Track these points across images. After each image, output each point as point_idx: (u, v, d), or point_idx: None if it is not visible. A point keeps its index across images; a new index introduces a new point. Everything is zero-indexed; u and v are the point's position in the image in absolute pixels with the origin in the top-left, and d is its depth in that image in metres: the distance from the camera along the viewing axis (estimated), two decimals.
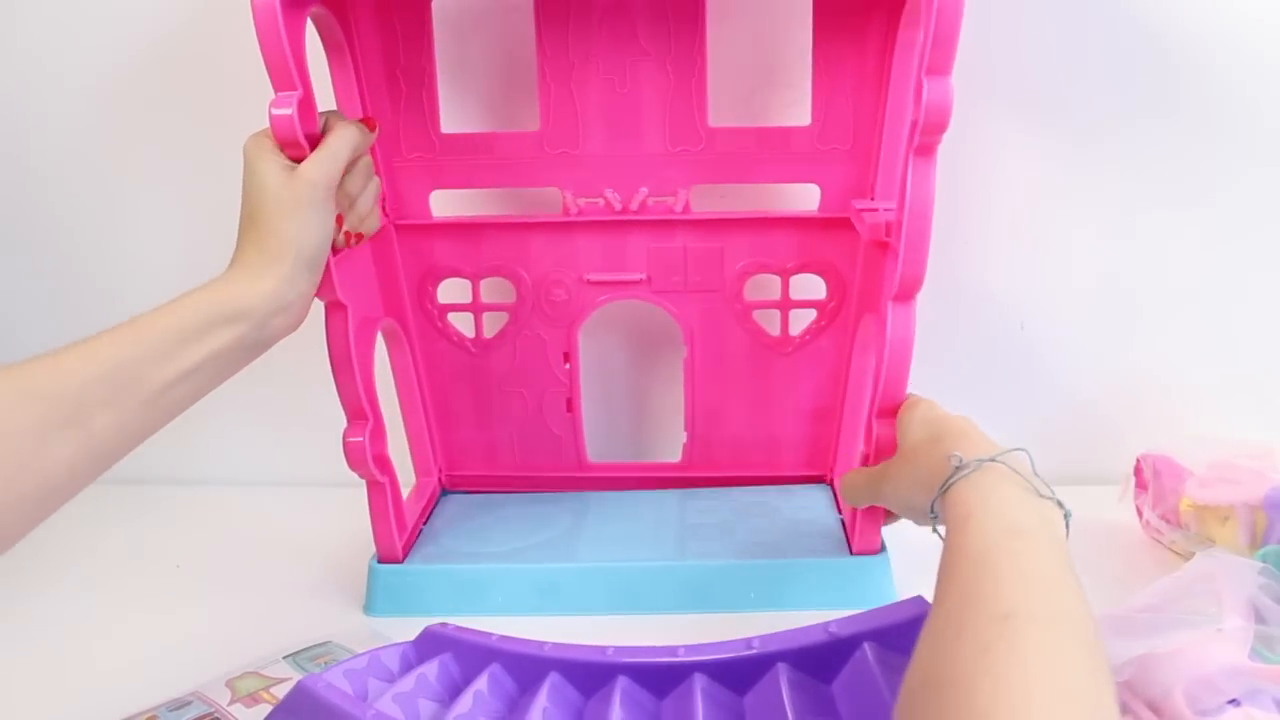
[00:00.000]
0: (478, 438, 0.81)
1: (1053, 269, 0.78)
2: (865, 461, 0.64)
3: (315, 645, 0.63)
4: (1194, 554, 0.60)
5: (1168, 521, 0.69)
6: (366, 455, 0.66)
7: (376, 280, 0.72)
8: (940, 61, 0.57)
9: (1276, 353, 0.79)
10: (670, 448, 0.80)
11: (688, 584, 0.67)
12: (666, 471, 0.80)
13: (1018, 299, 0.79)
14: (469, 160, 0.73)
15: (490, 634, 0.52)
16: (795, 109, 0.72)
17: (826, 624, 0.46)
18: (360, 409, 0.66)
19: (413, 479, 0.80)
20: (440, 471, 0.81)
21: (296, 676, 0.58)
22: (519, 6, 0.71)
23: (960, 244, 0.77)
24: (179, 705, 0.57)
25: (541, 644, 0.51)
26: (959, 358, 0.80)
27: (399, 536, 0.70)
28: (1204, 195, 0.76)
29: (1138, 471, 0.73)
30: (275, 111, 0.58)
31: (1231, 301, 0.78)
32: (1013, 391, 0.81)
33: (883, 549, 0.68)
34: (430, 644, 0.53)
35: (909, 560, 0.70)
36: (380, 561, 0.70)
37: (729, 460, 0.79)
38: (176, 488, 0.89)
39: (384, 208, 0.73)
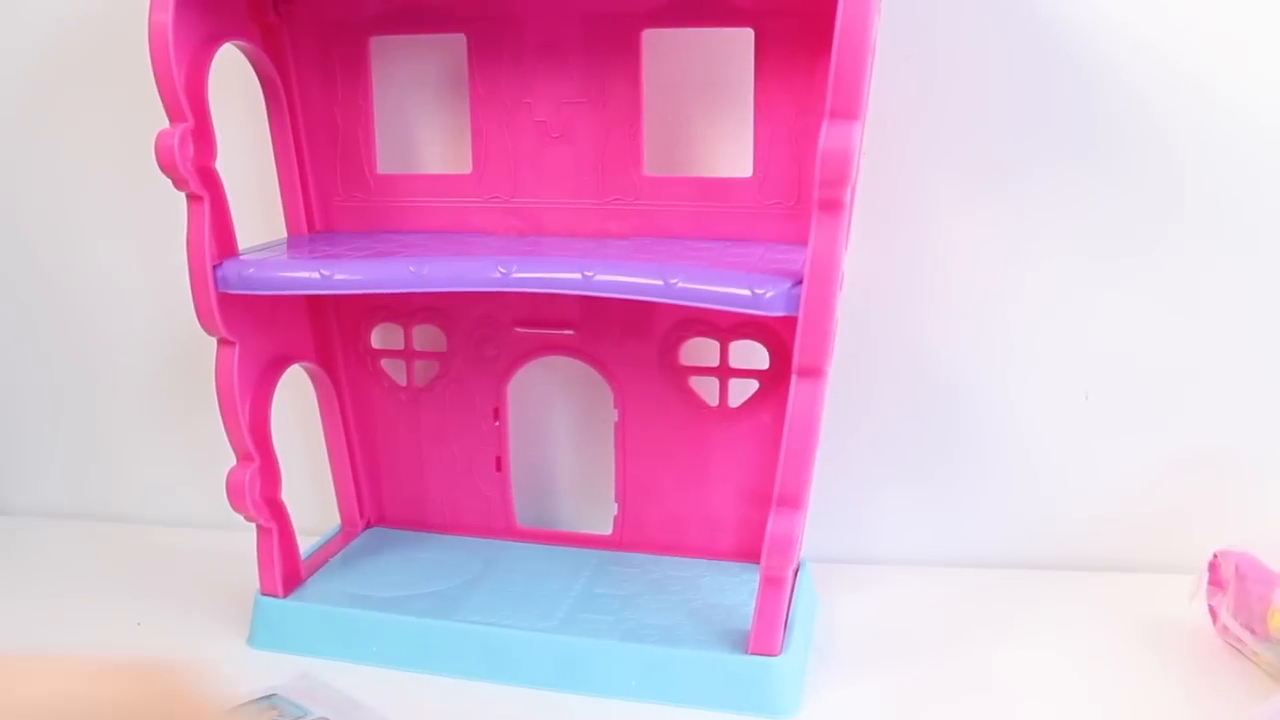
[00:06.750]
0: (407, 489, 0.77)
1: (1117, 340, 0.72)
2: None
3: (262, 697, 0.60)
4: None
5: (1253, 632, 0.60)
6: (247, 496, 0.64)
7: (307, 320, 0.71)
8: (842, 105, 0.51)
9: None
10: (603, 518, 0.74)
11: (565, 660, 0.62)
12: (595, 544, 0.74)
13: (1081, 368, 0.72)
14: (403, 202, 0.71)
15: None
16: (737, 159, 0.67)
17: None
18: (245, 449, 0.64)
19: (338, 523, 0.77)
20: (366, 521, 0.78)
21: None
22: (452, 44, 0.69)
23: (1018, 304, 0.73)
24: None
25: None
26: (1021, 429, 0.74)
27: (281, 575, 0.67)
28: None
29: (1213, 568, 0.64)
30: (160, 142, 0.58)
31: None
32: (1076, 465, 0.75)
33: (786, 651, 0.60)
34: None
35: (842, 662, 0.64)
36: (262, 594, 0.67)
37: (662, 537, 0.73)
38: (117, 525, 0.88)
39: None
